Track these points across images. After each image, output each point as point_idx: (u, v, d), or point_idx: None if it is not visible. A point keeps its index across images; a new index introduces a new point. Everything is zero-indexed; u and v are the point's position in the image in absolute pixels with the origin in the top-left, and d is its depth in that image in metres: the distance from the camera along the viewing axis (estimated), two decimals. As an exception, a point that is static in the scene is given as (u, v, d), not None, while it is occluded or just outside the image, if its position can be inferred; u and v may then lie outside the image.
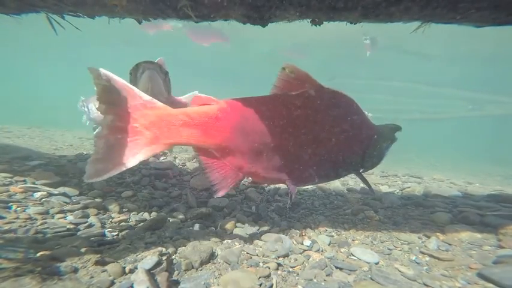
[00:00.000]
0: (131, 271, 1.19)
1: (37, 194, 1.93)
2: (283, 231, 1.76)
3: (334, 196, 2.52)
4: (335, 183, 2.94)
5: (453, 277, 1.29)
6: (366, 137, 1.51)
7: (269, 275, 1.27)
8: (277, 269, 1.33)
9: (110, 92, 1.20)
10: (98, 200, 1.98)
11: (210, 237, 1.60)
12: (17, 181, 2.09)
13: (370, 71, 16.72)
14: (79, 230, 1.58)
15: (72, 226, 1.61)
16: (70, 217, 1.72)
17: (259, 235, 1.68)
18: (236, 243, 1.58)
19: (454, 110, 16.44)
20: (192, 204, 2.10)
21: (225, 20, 1.60)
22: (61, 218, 1.70)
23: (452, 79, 16.36)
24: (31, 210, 1.71)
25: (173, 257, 1.36)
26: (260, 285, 1.20)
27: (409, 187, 3.11)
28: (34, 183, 2.07)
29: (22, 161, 2.57)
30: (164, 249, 1.36)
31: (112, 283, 1.12)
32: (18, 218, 1.60)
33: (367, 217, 2.01)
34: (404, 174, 4.26)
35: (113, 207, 1.91)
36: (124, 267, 1.20)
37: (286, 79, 1.27)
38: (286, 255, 1.46)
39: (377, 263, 1.43)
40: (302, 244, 1.62)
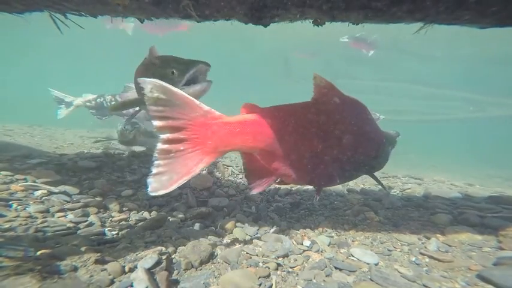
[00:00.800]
0: (131, 270, 1.19)
1: (37, 193, 1.93)
2: (283, 231, 1.76)
3: (334, 197, 2.52)
4: (335, 183, 2.93)
5: (453, 278, 1.29)
6: (378, 141, 1.66)
7: (269, 275, 1.27)
8: (276, 269, 1.33)
9: (167, 105, 1.20)
10: (98, 199, 1.99)
11: (210, 236, 1.60)
12: (18, 179, 2.09)
13: (371, 72, 16.72)
14: (79, 229, 1.58)
15: (72, 225, 1.61)
16: (70, 216, 1.73)
17: (259, 235, 1.69)
18: (236, 243, 1.58)
19: (455, 112, 16.41)
20: (192, 203, 2.10)
21: (227, 20, 1.60)
22: (61, 217, 1.70)
23: (453, 80, 16.34)
24: (31, 208, 1.71)
25: (173, 257, 1.36)
26: (260, 285, 1.20)
27: (410, 188, 3.11)
28: (35, 181, 2.07)
29: (23, 159, 2.57)
30: (164, 248, 1.37)
31: (112, 282, 1.12)
32: (18, 217, 1.60)
33: (367, 218, 2.01)
34: (404, 175, 4.26)
35: (113, 206, 1.91)
36: (124, 266, 1.21)
37: (317, 88, 1.43)
38: (285, 255, 1.46)
39: (377, 264, 1.43)
40: (302, 244, 1.61)
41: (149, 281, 1.10)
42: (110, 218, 1.78)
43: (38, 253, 1.24)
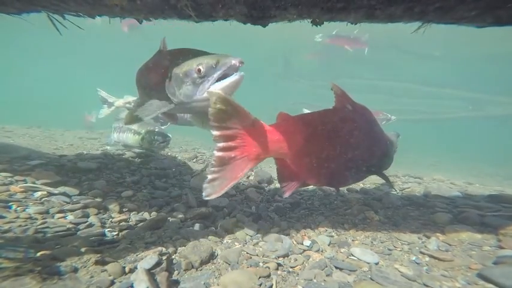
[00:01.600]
0: (131, 271, 1.19)
1: (37, 194, 1.93)
2: (283, 231, 1.76)
3: (334, 196, 2.52)
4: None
5: (453, 277, 1.29)
6: (384, 143, 1.81)
7: (269, 275, 1.27)
8: (277, 269, 1.33)
9: (226, 115, 1.29)
10: (98, 200, 1.98)
11: (210, 237, 1.60)
12: (17, 181, 2.09)
13: (371, 71, 16.72)
14: (79, 230, 1.58)
15: (72, 226, 1.61)
16: (70, 217, 1.72)
17: (259, 235, 1.68)
18: (236, 243, 1.58)
19: (455, 111, 16.42)
20: (192, 204, 2.10)
21: (226, 20, 1.60)
22: (61, 218, 1.70)
23: (452, 80, 16.34)
24: (31, 209, 1.71)
25: (173, 257, 1.36)
26: (260, 285, 1.20)
27: (409, 187, 3.11)
28: (34, 182, 2.07)
29: (22, 161, 2.57)
30: (164, 249, 1.37)
31: (112, 283, 1.12)
32: (18, 218, 1.60)
33: (367, 217, 2.01)
34: (404, 174, 4.26)
35: (113, 207, 1.91)
36: (124, 266, 1.20)
37: (336, 97, 1.60)
38: (286, 255, 1.46)
39: (377, 263, 1.43)
40: (302, 244, 1.61)
41: (149, 282, 1.10)
42: (110, 219, 1.78)
43: (38, 254, 1.23)
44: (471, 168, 8.58)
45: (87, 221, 1.69)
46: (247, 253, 1.45)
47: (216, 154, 1.32)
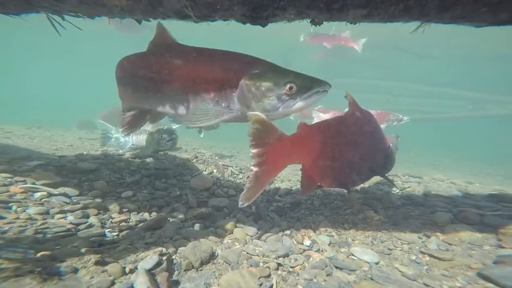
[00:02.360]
0: (131, 271, 1.19)
1: (37, 194, 1.93)
2: (283, 231, 1.76)
3: (334, 196, 2.52)
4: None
5: (453, 277, 1.29)
6: (387, 146, 1.96)
7: (269, 275, 1.27)
8: (277, 269, 1.33)
9: (261, 133, 1.44)
10: (98, 200, 1.98)
11: (210, 237, 1.60)
12: (17, 181, 2.09)
13: (369, 71, 16.71)
14: (79, 230, 1.58)
15: (72, 226, 1.61)
16: (70, 217, 1.72)
17: (259, 235, 1.68)
18: (236, 243, 1.58)
19: (455, 110, 16.42)
20: (192, 204, 2.10)
21: (225, 20, 1.60)
22: (61, 218, 1.70)
23: (452, 79, 16.34)
24: (31, 210, 1.71)
25: (173, 257, 1.36)
26: (260, 285, 1.20)
27: (409, 187, 3.11)
28: (34, 183, 2.07)
29: (22, 161, 2.57)
30: (164, 249, 1.37)
31: (112, 283, 1.12)
32: (18, 218, 1.60)
33: (367, 217, 2.01)
34: (404, 174, 4.25)
35: (113, 207, 1.91)
36: (124, 267, 1.20)
37: (348, 104, 1.75)
38: (286, 255, 1.46)
39: (377, 263, 1.43)
40: (302, 244, 1.61)
41: (150, 282, 1.10)
42: (110, 219, 1.78)
43: (38, 255, 1.23)
44: (471, 167, 8.59)
45: (87, 222, 1.69)
46: (247, 253, 1.45)
47: (254, 169, 1.45)
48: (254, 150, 1.44)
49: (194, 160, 3.55)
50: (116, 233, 1.59)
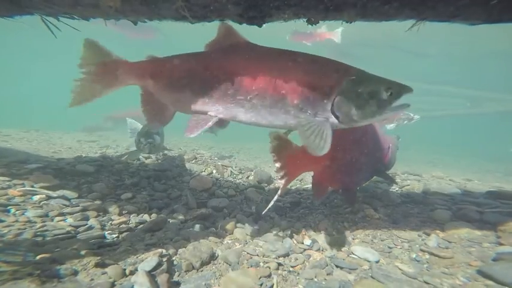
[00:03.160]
0: (131, 273, 1.19)
1: (36, 197, 1.92)
2: (283, 230, 1.76)
3: (333, 195, 2.52)
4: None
5: (453, 275, 1.30)
6: (387, 148, 2.14)
7: (270, 275, 1.27)
8: (277, 269, 1.33)
9: (281, 147, 1.58)
10: (98, 203, 1.98)
11: (211, 238, 1.60)
12: (16, 184, 2.08)
13: (368, 69, 16.69)
14: (79, 233, 1.57)
15: (71, 229, 1.60)
16: (70, 220, 1.72)
17: (259, 235, 1.68)
18: (236, 243, 1.58)
19: (453, 108, 16.46)
20: (192, 205, 2.09)
21: (221, 20, 1.60)
22: (61, 221, 1.70)
23: (450, 77, 16.39)
24: (30, 213, 1.70)
25: (173, 258, 1.35)
26: (261, 285, 1.20)
27: (409, 185, 3.11)
28: (33, 186, 2.06)
29: (20, 164, 2.56)
30: (164, 250, 1.36)
31: (112, 285, 1.12)
32: (17, 221, 1.59)
33: (367, 215, 2.01)
34: (403, 171, 4.26)
35: (113, 209, 1.91)
36: (124, 269, 1.20)
37: None
38: (286, 254, 1.46)
39: (377, 262, 1.44)
40: (302, 243, 1.62)
41: (150, 284, 1.10)
42: (110, 221, 1.77)
43: (38, 257, 1.23)
44: (470, 164, 8.61)
45: (86, 224, 1.68)
46: (247, 253, 1.45)
47: (280, 181, 1.58)
48: (278, 164, 1.56)
49: (193, 161, 3.55)
50: (116, 235, 1.59)
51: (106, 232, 1.61)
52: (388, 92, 1.39)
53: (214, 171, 3.11)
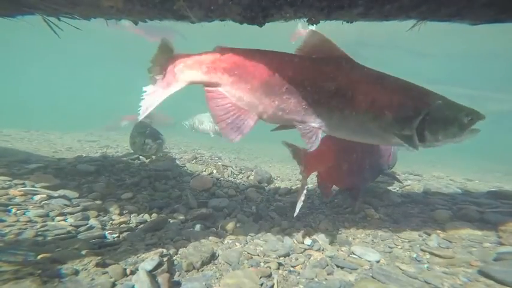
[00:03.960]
0: (132, 273, 1.19)
1: (37, 197, 1.92)
2: (283, 230, 1.76)
3: (334, 195, 2.52)
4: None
5: (454, 274, 1.30)
6: (390, 148, 2.30)
7: (270, 275, 1.27)
8: (278, 269, 1.33)
9: (297, 153, 1.81)
10: (98, 202, 1.98)
11: (211, 237, 1.60)
12: (16, 184, 2.08)
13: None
14: (79, 232, 1.58)
15: (72, 228, 1.60)
16: (70, 219, 1.72)
17: (259, 235, 1.68)
18: (237, 243, 1.58)
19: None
20: (193, 205, 2.10)
21: (222, 20, 1.60)
22: (61, 221, 1.70)
23: (450, 76, 16.38)
24: (31, 213, 1.71)
25: (174, 258, 1.36)
26: (261, 285, 1.20)
27: (409, 185, 3.11)
28: (33, 186, 2.06)
29: (21, 164, 2.56)
30: (165, 250, 1.36)
31: (113, 285, 1.12)
32: (18, 221, 1.60)
33: (367, 215, 2.01)
34: (403, 172, 4.26)
35: (113, 209, 1.91)
36: (125, 268, 1.20)
37: None
38: (287, 254, 1.46)
39: (378, 261, 1.44)
40: (303, 243, 1.62)
41: (151, 283, 1.10)
42: (110, 221, 1.78)
43: (38, 257, 1.23)
44: (470, 164, 8.60)
45: (87, 224, 1.68)
46: (248, 253, 1.45)
47: (303, 182, 1.75)
48: (301, 167, 1.81)
49: (194, 161, 3.55)
50: (117, 235, 1.59)
51: (106, 232, 1.61)
52: (469, 117, 1.51)
53: (214, 171, 3.11)
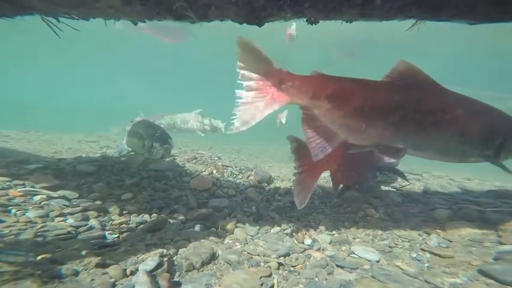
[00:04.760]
0: (132, 273, 1.19)
1: (36, 198, 1.92)
2: (283, 230, 1.76)
3: (334, 195, 2.52)
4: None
5: (454, 274, 1.30)
6: None
7: (270, 275, 1.27)
8: (278, 269, 1.33)
9: (300, 154, 1.83)
10: (98, 203, 1.98)
11: (211, 238, 1.60)
12: (16, 185, 2.08)
13: (366, 69, 16.73)
14: (79, 233, 1.58)
15: (72, 229, 1.60)
16: (70, 220, 1.72)
17: (260, 235, 1.68)
18: (237, 243, 1.58)
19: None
20: (193, 205, 2.09)
21: (221, 20, 1.60)
22: (61, 221, 1.70)
23: (449, 76, 16.40)
24: (31, 213, 1.71)
25: (174, 258, 1.35)
26: (261, 285, 1.20)
27: (409, 184, 3.12)
28: (33, 186, 2.06)
29: (20, 165, 2.55)
30: (165, 250, 1.36)
31: (113, 285, 1.12)
32: (18, 222, 1.60)
33: (367, 215, 2.01)
34: (403, 171, 4.26)
35: (113, 209, 1.91)
36: (125, 269, 1.20)
37: None
38: (287, 254, 1.46)
39: (378, 261, 1.44)
40: (303, 243, 1.62)
41: (151, 284, 1.10)
42: (110, 222, 1.78)
43: (38, 258, 1.23)
44: (470, 163, 8.58)
45: (87, 224, 1.68)
46: (248, 253, 1.45)
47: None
48: (297, 163, 1.82)
49: (193, 161, 3.54)
50: (117, 235, 1.59)
51: (106, 232, 1.61)
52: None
53: (214, 171, 3.11)
